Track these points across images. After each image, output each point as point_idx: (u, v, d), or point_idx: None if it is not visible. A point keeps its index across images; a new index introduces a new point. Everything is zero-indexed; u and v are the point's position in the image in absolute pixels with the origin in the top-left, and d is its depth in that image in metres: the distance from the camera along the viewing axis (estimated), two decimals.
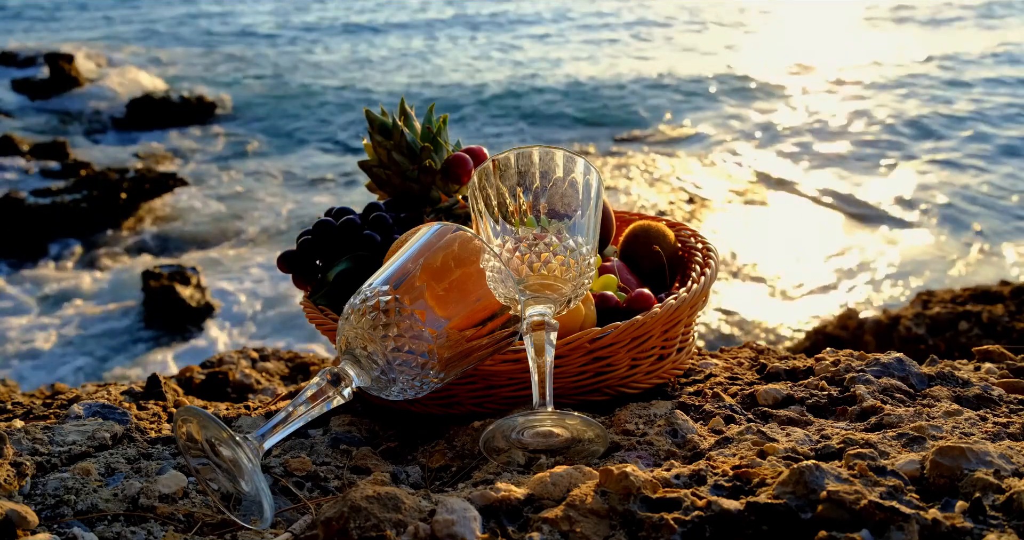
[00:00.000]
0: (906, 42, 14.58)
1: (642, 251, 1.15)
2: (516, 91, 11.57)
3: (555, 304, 0.82)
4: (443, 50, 15.31)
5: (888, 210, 6.84)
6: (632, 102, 10.82)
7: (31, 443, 0.82)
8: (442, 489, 0.77)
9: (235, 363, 1.72)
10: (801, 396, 0.90)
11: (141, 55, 15.12)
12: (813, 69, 12.64)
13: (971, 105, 9.84)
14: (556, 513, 0.61)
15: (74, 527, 0.68)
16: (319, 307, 1.00)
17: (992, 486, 0.61)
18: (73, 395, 1.20)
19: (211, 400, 1.36)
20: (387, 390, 0.77)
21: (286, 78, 12.98)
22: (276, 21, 19.43)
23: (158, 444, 0.88)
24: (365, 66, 13.88)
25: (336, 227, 1.05)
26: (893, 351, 0.99)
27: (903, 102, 10.22)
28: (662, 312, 0.90)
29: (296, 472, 0.82)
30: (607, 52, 14.72)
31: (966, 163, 7.88)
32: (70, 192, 7.19)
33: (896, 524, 0.55)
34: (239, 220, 7.31)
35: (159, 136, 9.90)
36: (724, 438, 0.79)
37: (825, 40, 15.69)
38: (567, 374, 0.90)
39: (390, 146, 1.12)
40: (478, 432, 0.86)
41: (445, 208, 1.12)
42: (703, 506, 0.60)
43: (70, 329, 5.35)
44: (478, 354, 0.80)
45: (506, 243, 0.83)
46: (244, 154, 9.19)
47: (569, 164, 0.86)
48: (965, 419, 0.80)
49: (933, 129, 9.00)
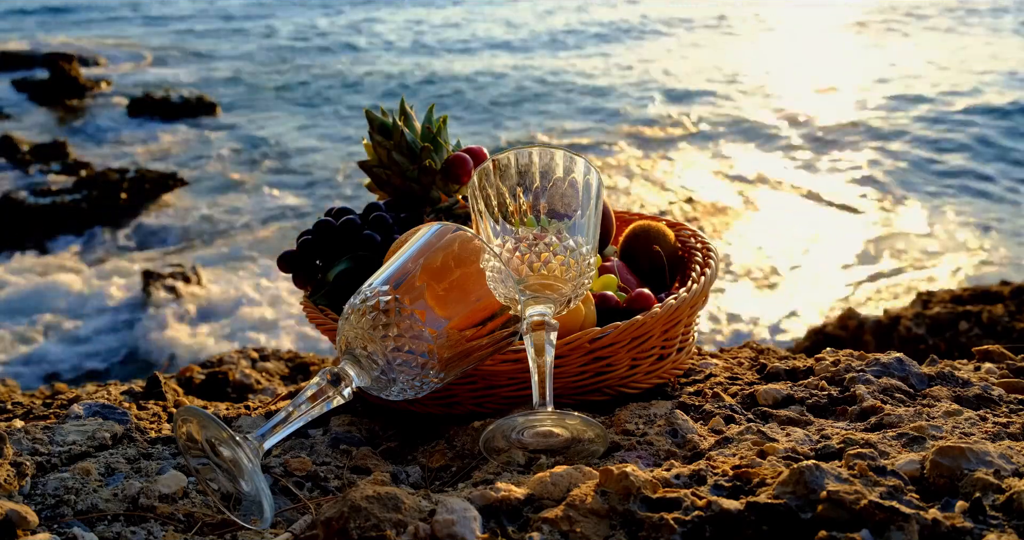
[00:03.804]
0: (907, 43, 14.58)
1: (642, 251, 1.15)
2: (521, 88, 11.57)
3: (555, 304, 0.82)
4: (437, 50, 15.31)
5: (888, 210, 6.84)
6: (633, 102, 10.82)
7: (31, 443, 0.82)
8: (442, 489, 0.77)
9: (235, 363, 1.72)
10: (801, 396, 0.90)
11: (142, 54, 15.12)
12: (813, 70, 12.65)
13: (972, 103, 9.84)
14: (556, 513, 0.61)
15: (74, 527, 0.68)
16: (319, 307, 1.00)
17: (992, 486, 0.61)
18: (73, 395, 1.20)
19: (211, 400, 1.36)
20: (387, 390, 0.77)
21: (287, 77, 12.98)
22: (278, 20, 19.43)
23: (158, 444, 0.88)
24: (367, 67, 13.87)
25: (336, 227, 1.05)
26: (893, 351, 0.99)
27: (904, 103, 10.22)
28: (662, 312, 0.90)
29: (296, 472, 0.82)
30: (607, 52, 14.72)
31: (966, 161, 7.88)
32: (70, 192, 7.19)
33: (896, 524, 0.55)
34: (239, 220, 7.31)
35: (159, 136, 9.90)
36: (724, 438, 0.79)
37: (826, 41, 15.69)
38: (567, 374, 0.90)
39: (390, 146, 1.12)
40: (478, 432, 0.86)
41: (445, 208, 1.12)
42: (703, 506, 0.60)
43: (70, 329, 5.35)
44: (478, 354, 0.80)
45: (506, 243, 0.83)
46: (244, 154, 9.19)
47: (569, 164, 0.86)
48: (965, 419, 0.80)
49: (934, 128, 9.00)
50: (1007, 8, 18.61)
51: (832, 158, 8.31)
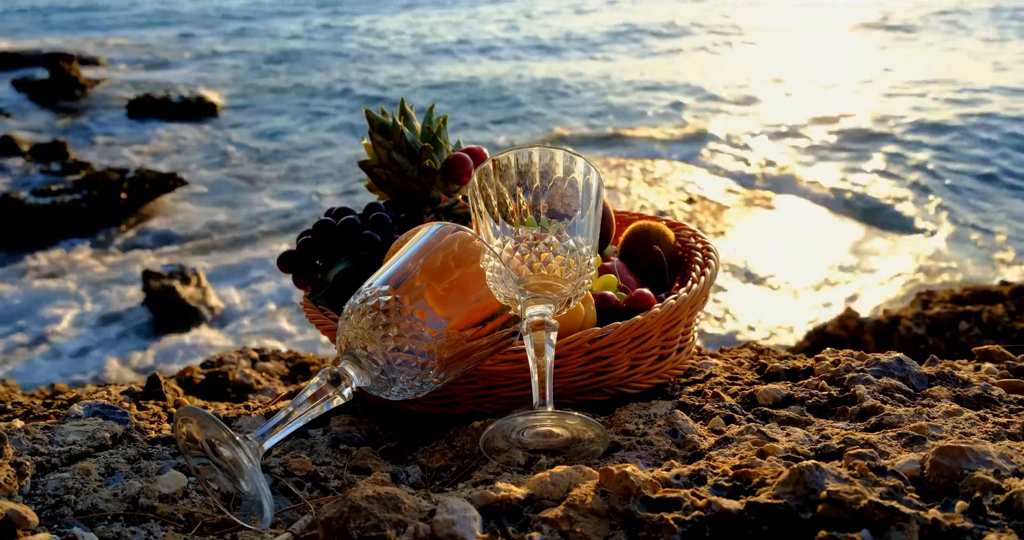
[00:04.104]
0: (909, 46, 14.57)
1: (642, 251, 1.15)
2: (522, 88, 11.58)
3: (555, 304, 0.82)
4: (436, 57, 15.31)
5: (888, 210, 6.84)
6: (633, 102, 10.82)
7: (31, 443, 0.82)
8: (442, 489, 0.77)
9: (235, 363, 1.72)
10: (801, 396, 0.90)
11: (142, 54, 15.11)
12: (814, 70, 12.64)
13: (974, 107, 9.84)
14: (556, 513, 0.61)
15: (74, 527, 0.68)
16: (319, 307, 1.00)
17: (992, 486, 0.61)
18: (73, 395, 1.20)
19: (211, 400, 1.36)
20: (387, 390, 0.77)
21: (287, 77, 12.98)
22: (278, 20, 19.43)
23: (158, 444, 0.88)
24: (367, 66, 13.87)
25: (336, 227, 1.05)
26: (893, 351, 0.99)
27: (905, 102, 10.22)
28: (662, 312, 0.90)
29: (296, 472, 0.82)
30: (608, 53, 14.72)
31: (967, 162, 7.87)
32: (70, 192, 7.19)
33: (896, 524, 0.55)
34: (239, 220, 7.32)
35: (159, 135, 9.90)
36: (724, 438, 0.79)
37: (826, 42, 15.69)
38: (567, 374, 0.90)
39: (390, 146, 1.12)
40: (478, 432, 0.86)
41: (445, 208, 1.12)
42: (703, 506, 0.60)
43: (70, 329, 5.35)
44: (478, 354, 0.80)
45: (506, 243, 0.83)
46: (244, 153, 9.18)
47: (569, 164, 0.86)
48: (965, 419, 0.80)
49: (935, 128, 8.99)
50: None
51: (832, 158, 8.31)
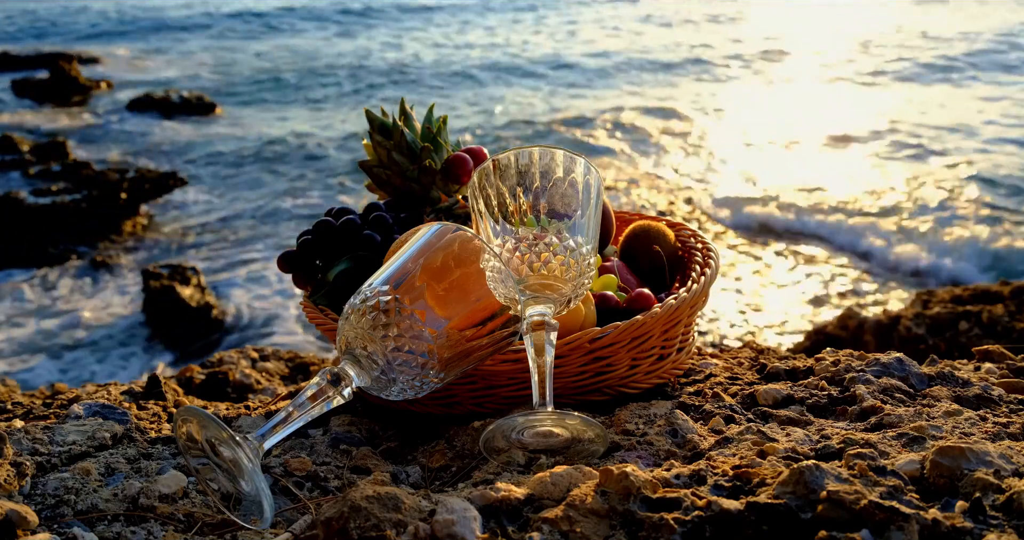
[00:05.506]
0: (916, 38, 14.57)
1: (642, 251, 1.15)
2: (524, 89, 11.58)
3: (555, 304, 0.82)
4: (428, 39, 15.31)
5: (888, 210, 6.84)
6: (632, 103, 10.82)
7: (31, 443, 0.82)
8: (442, 489, 0.77)
9: (235, 363, 1.72)
10: (801, 396, 0.90)
11: (141, 54, 15.11)
12: (814, 70, 12.64)
13: (974, 104, 9.84)
14: (556, 513, 0.61)
15: (74, 527, 0.68)
16: (319, 307, 1.00)
17: (992, 486, 0.61)
18: (73, 395, 1.20)
19: (211, 400, 1.36)
20: (387, 390, 0.77)
21: (287, 77, 12.98)
22: (279, 20, 19.43)
23: (158, 444, 0.88)
24: (367, 65, 13.87)
25: (336, 227, 1.05)
26: (893, 351, 0.99)
27: (906, 102, 10.22)
28: (662, 312, 0.90)
29: (296, 472, 0.82)
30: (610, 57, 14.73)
31: (967, 164, 7.87)
32: (70, 192, 7.19)
33: (896, 524, 0.55)
34: (239, 219, 7.32)
35: (159, 135, 9.90)
36: (724, 438, 0.79)
37: (826, 42, 15.68)
38: (567, 374, 0.90)
39: (390, 146, 1.12)
40: (478, 432, 0.86)
41: (445, 208, 1.12)
42: (703, 506, 0.60)
43: (70, 329, 5.35)
44: (478, 354, 0.80)
45: (506, 243, 0.83)
46: (244, 153, 9.19)
47: (569, 164, 0.86)
48: (965, 419, 0.80)
49: (935, 129, 8.99)
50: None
51: (832, 158, 8.31)
